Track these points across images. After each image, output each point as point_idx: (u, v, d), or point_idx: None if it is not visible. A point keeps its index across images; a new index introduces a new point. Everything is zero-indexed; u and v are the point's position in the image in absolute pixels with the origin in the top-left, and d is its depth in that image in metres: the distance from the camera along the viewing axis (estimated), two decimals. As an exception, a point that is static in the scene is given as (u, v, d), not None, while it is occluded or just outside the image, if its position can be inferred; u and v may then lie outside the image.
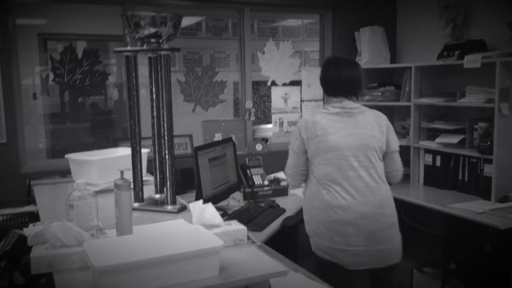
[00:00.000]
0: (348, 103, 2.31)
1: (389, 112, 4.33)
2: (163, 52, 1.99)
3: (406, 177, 3.88)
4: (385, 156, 2.38)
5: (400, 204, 3.67)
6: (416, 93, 3.73)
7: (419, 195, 3.57)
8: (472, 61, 3.23)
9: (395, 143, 2.41)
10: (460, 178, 3.47)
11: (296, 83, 4.25)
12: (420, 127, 3.78)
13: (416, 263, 3.66)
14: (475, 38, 3.48)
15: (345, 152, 2.25)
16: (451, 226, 3.08)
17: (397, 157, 2.42)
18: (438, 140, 3.59)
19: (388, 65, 4.13)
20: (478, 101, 3.26)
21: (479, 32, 3.56)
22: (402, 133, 4.10)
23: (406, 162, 3.91)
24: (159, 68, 2.02)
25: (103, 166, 2.38)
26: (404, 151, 3.96)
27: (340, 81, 2.32)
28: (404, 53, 4.33)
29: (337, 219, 2.23)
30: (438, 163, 3.64)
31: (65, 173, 2.89)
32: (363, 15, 4.20)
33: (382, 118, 2.39)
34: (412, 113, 3.75)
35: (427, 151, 3.72)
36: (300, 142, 2.33)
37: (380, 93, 4.00)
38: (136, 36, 2.02)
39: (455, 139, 3.47)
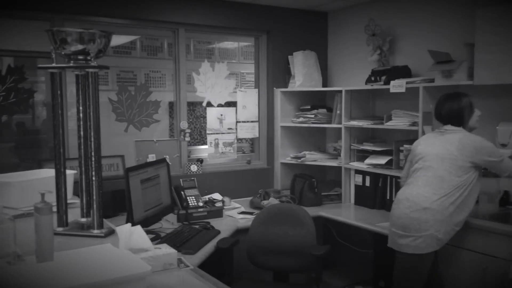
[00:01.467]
0: (447, 126, 2.75)
1: (321, 134, 4.47)
2: (90, 70, 1.93)
3: (337, 197, 3.99)
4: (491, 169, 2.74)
5: (332, 224, 3.77)
6: (347, 115, 3.87)
7: (350, 214, 3.67)
8: (397, 86, 3.40)
9: (486, 161, 2.63)
10: (388, 197, 3.61)
11: (232, 104, 4.28)
12: (351, 148, 3.91)
13: (347, 281, 3.74)
14: (400, 64, 3.68)
15: (417, 157, 2.78)
16: (381, 245, 3.18)
17: (500, 168, 2.68)
18: (367, 161, 3.73)
19: (320, 88, 4.26)
20: (403, 124, 3.42)
21: (404, 59, 3.77)
22: (334, 154, 4.22)
23: (337, 182, 4.05)
24: (86, 86, 1.95)
25: (23, 189, 2.24)
26: (336, 172, 4.09)
27: (440, 117, 2.79)
28: (335, 77, 4.49)
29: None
30: (367, 183, 3.77)
31: (-17, 196, 2.69)
32: (296, 39, 4.33)
33: (470, 141, 2.64)
34: (343, 135, 3.88)
35: (357, 171, 3.85)
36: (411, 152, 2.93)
37: (313, 115, 4.11)
38: (63, 53, 1.95)
39: (383, 160, 3.61)
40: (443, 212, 2.58)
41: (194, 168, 4.00)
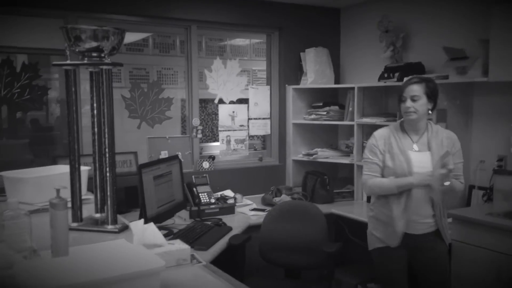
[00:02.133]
0: None
1: (334, 131, 4.45)
2: (104, 67, 1.94)
3: (350, 195, 3.98)
4: None
5: (344, 221, 3.76)
6: (359, 112, 3.85)
7: (362, 212, 3.65)
8: (410, 82, 3.36)
9: None
10: (401, 195, 3.57)
11: (244, 101, 4.28)
12: (363, 145, 3.88)
13: (360, 279, 3.72)
14: (413, 61, 3.65)
15: None
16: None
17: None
18: (380, 158, 3.70)
19: (332, 85, 4.24)
20: (416, 121, 3.39)
21: (417, 55, 3.73)
22: (346, 152, 4.20)
23: (350, 180, 4.03)
24: (100, 83, 1.96)
25: (39, 184, 2.27)
26: (348, 169, 4.07)
27: None
28: (347, 74, 4.46)
29: None
30: (380, 180, 3.74)
31: (0, 191, 2.73)
32: (308, 36, 4.31)
33: None
34: (355, 132, 3.86)
35: (370, 169, 3.82)
36: None
37: (325, 112, 4.09)
38: (77, 50, 1.96)
39: (396, 157, 3.58)
40: (374, 210, 2.62)
41: (206, 165, 4.01)
